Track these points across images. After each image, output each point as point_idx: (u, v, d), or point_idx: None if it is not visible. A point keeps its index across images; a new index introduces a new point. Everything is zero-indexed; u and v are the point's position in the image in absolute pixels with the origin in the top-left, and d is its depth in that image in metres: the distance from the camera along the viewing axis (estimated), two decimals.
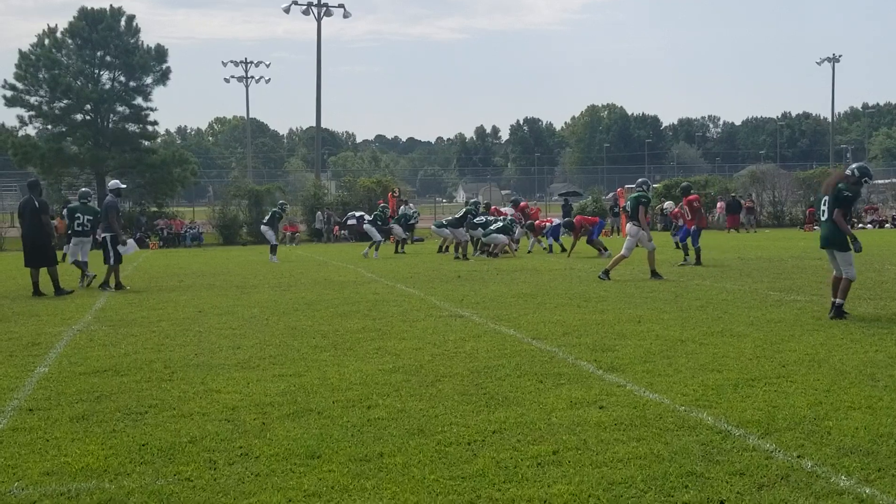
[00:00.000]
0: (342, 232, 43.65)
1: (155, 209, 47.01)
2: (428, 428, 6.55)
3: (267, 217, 29.23)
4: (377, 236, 29.04)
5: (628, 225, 18.49)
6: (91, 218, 18.99)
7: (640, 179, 18.89)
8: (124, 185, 20.64)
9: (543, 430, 6.43)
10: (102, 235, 18.02)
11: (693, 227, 21.29)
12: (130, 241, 18.61)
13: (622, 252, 17.71)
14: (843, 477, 5.22)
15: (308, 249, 36.30)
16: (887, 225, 45.46)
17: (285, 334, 11.18)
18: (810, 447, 5.82)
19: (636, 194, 18.12)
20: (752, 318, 11.67)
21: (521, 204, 33.38)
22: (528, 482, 5.30)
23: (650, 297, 14.25)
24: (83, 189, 20.95)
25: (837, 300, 11.46)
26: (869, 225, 45.35)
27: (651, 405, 7.05)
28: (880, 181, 62.89)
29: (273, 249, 27.58)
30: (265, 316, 13.04)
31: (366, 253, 28.11)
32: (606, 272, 17.63)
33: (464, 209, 27.59)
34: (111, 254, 17.74)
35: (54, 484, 5.46)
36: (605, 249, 25.53)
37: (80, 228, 18.98)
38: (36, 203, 16.85)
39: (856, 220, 44.30)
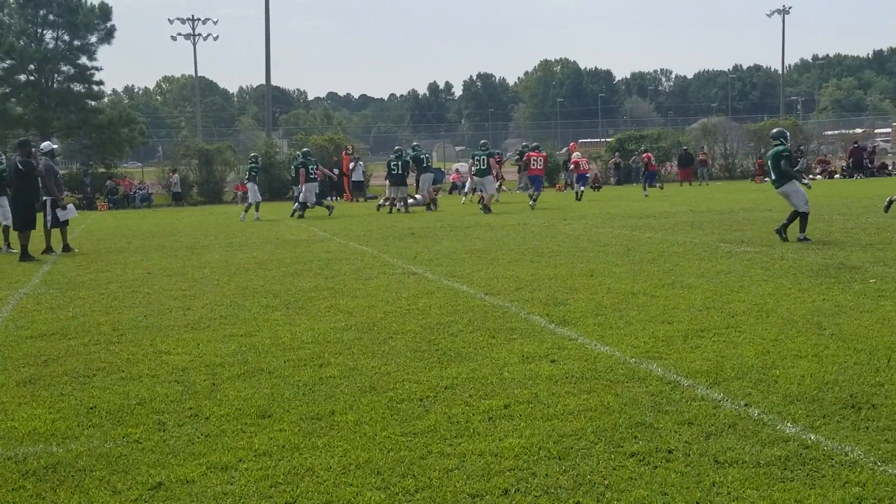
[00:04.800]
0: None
1: (103, 170, 46.32)
2: (380, 385, 6.54)
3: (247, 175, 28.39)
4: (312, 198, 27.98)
5: (793, 183, 15.20)
6: None
7: (775, 130, 16.42)
8: (57, 146, 20.01)
9: (495, 384, 6.45)
10: (43, 199, 17.65)
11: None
12: (70, 206, 18.19)
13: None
14: (788, 424, 5.29)
15: (260, 209, 35.90)
16: (837, 175, 46.04)
17: (236, 294, 11.09)
18: (757, 396, 5.89)
19: (781, 148, 15.43)
20: (702, 269, 11.77)
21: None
22: (479, 436, 5.32)
23: (603, 251, 14.32)
24: None
25: None
26: (819, 176, 45.90)
27: (602, 358, 7.10)
28: (830, 132, 63.55)
29: (256, 207, 27.30)
30: (216, 276, 12.93)
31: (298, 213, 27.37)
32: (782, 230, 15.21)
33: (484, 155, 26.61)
34: (49, 217, 17.42)
35: (1, 448, 5.39)
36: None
37: None
38: (19, 164, 16.44)
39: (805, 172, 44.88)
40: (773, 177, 15.30)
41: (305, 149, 31.47)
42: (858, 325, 7.94)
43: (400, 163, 27.52)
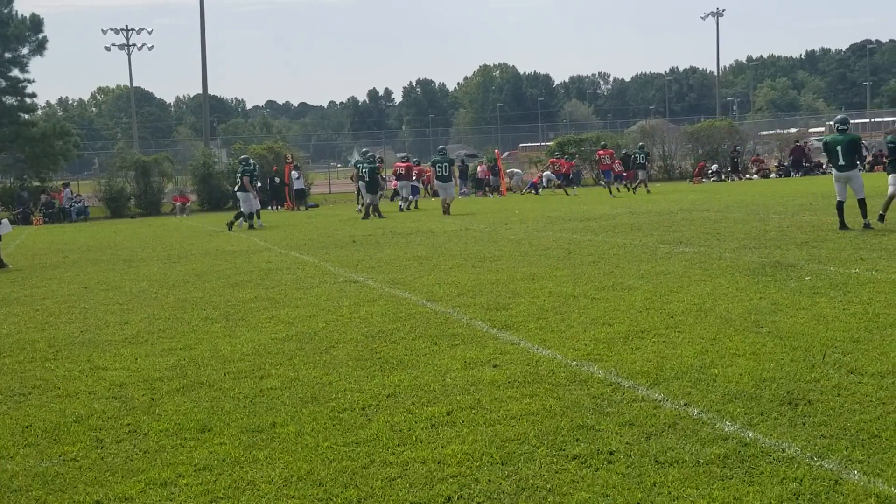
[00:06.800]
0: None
1: (37, 184, 45.51)
2: (322, 395, 6.49)
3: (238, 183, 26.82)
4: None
5: (858, 170, 15.94)
6: None
7: (840, 117, 16.70)
8: None
9: (438, 391, 6.44)
10: None
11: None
12: (4, 221, 17.83)
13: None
14: (727, 422, 5.35)
15: (199, 220, 35.61)
16: (772, 175, 46.78)
17: (175, 307, 10.94)
18: (697, 395, 5.95)
19: (858, 136, 15.95)
20: (642, 271, 11.87)
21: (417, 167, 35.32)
22: (422, 444, 5.30)
23: (544, 255, 14.38)
24: None
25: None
26: (755, 175, 46.61)
27: (544, 361, 7.12)
28: (765, 132, 64.66)
29: (249, 216, 26.15)
30: (154, 289, 12.75)
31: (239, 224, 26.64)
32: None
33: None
34: None
35: None
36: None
37: None
38: None
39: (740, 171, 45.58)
40: (844, 161, 15.76)
41: (244, 156, 31.01)
42: (794, 322, 8.07)
43: (368, 169, 28.10)
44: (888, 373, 6.23)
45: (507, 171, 47.19)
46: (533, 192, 41.76)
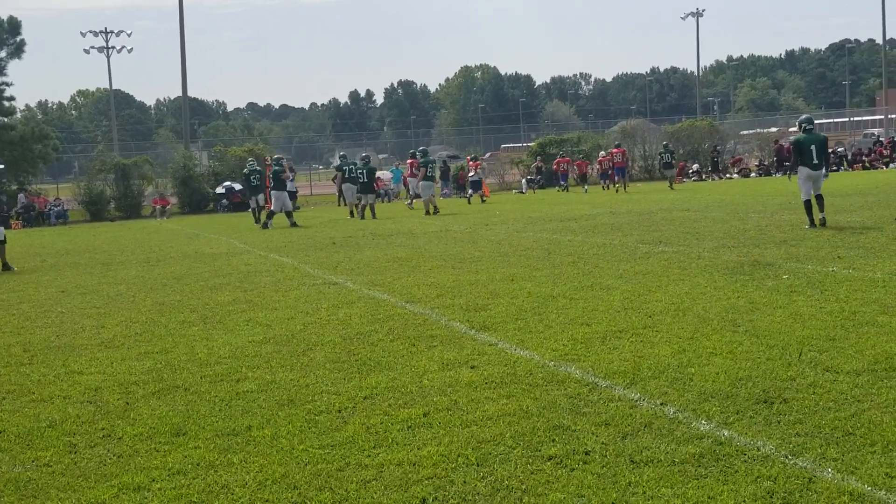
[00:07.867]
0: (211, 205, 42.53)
1: (16, 187, 45.25)
2: (298, 398, 6.46)
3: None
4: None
5: None
6: None
7: (806, 116, 17.40)
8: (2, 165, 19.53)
9: (415, 393, 6.42)
10: None
11: None
12: None
13: None
14: (703, 421, 5.35)
15: (179, 223, 35.47)
16: (752, 174, 46.97)
17: (152, 311, 10.88)
18: (673, 394, 5.95)
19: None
20: (621, 271, 11.89)
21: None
22: (397, 446, 5.28)
23: (524, 255, 14.38)
24: None
25: None
26: (736, 175, 46.78)
27: (521, 362, 7.11)
28: (745, 132, 64.90)
29: (269, 215, 26.69)
30: (131, 293, 12.67)
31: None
32: None
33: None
34: None
35: None
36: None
37: None
38: None
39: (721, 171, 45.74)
40: (818, 160, 16.19)
41: (277, 156, 31.42)
42: (771, 320, 8.08)
43: (366, 171, 28.29)
44: (863, 370, 6.25)
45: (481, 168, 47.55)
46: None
